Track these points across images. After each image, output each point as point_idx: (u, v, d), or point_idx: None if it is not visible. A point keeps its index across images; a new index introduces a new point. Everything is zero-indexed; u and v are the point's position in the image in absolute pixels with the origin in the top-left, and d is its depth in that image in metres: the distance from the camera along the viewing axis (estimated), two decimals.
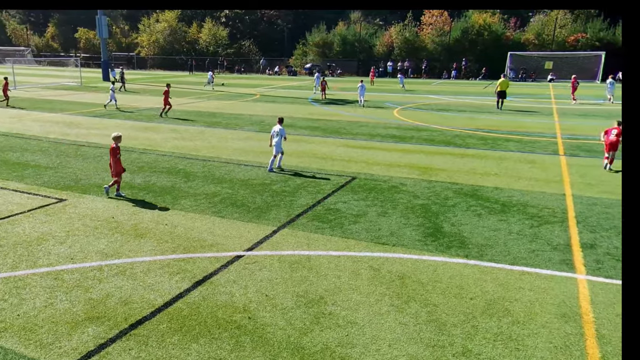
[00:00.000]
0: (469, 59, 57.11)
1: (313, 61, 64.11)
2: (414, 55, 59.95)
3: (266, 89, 41.29)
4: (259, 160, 14.78)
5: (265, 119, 23.42)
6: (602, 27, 54.01)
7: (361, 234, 8.98)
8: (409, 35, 60.38)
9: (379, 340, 5.79)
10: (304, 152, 15.97)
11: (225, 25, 75.06)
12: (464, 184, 12.23)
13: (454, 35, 58.43)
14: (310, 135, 19.17)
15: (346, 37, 64.58)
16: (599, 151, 16.12)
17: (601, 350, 5.57)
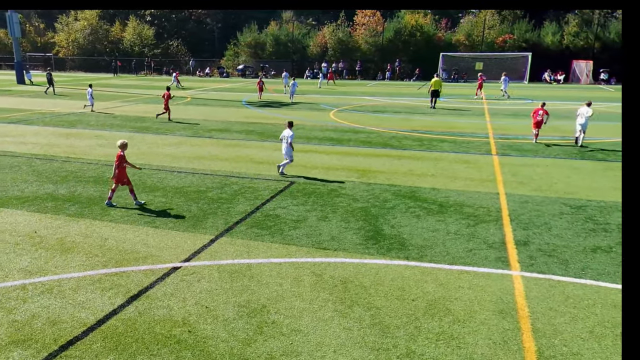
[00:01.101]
0: (403, 59, 58.63)
1: (245, 62, 63.78)
2: (348, 56, 60.86)
3: (197, 92, 40.66)
4: (193, 166, 14.58)
5: (198, 123, 23.09)
6: (528, 28, 56.99)
7: (302, 240, 9.07)
8: (343, 36, 61.23)
9: (324, 346, 5.89)
10: (240, 157, 15.91)
11: (151, 24, 73.21)
12: (402, 185, 12.60)
13: (387, 36, 59.81)
14: (246, 139, 19.10)
15: (279, 37, 64.62)
16: (529, 150, 17.06)
17: (537, 344, 5.93)
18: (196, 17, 76.74)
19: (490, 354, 5.75)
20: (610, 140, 18.81)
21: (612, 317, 6.47)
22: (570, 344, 5.91)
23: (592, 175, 13.70)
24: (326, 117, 25.39)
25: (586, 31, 55.53)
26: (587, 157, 16.03)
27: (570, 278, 7.58)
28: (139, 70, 67.96)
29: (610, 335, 6.07)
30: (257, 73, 54.52)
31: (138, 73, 67.44)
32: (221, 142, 18.41)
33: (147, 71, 67.52)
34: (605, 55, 53.32)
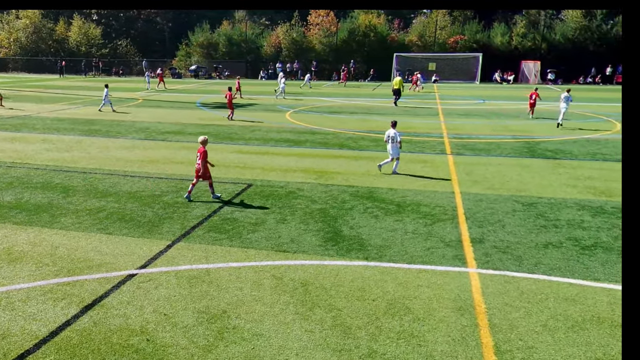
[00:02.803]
0: (357, 60, 59.16)
1: (198, 62, 62.97)
2: (302, 56, 60.96)
3: (149, 93, 39.90)
4: (147, 170, 14.33)
5: (150, 126, 22.67)
6: (478, 29, 58.53)
7: (261, 243, 9.06)
8: (297, 36, 61.30)
9: (286, 350, 5.92)
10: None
11: (98, 23, 71.38)
12: (360, 186, 12.74)
13: (341, 37, 60.24)
14: None
15: (232, 37, 64.13)
16: (482, 149, 17.54)
17: (494, 339, 6.12)
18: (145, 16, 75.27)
19: (450, 350, 5.90)
20: (559, 139, 19.53)
21: (563, 311, 6.74)
22: (526, 338, 6.13)
23: (541, 173, 14.21)
24: (282, 118, 25.37)
25: (533, 32, 57.46)
26: (537, 155, 16.60)
27: (524, 273, 7.85)
28: (87, 71, 66.14)
29: (562, 328, 6.33)
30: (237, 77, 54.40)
31: (87, 74, 65.61)
32: (175, 145, 18.16)
33: (95, 72, 65.76)
34: (552, 55, 55.33)
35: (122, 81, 55.37)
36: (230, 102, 24.89)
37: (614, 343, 6.01)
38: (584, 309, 6.80)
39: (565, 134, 20.64)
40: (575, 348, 5.92)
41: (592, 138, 19.73)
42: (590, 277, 7.74)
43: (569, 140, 19.15)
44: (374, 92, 42.01)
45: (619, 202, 11.43)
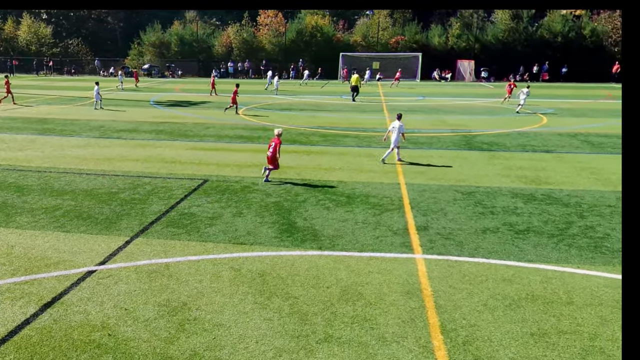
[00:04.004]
0: (305, 59, 59.06)
1: (151, 62, 61.30)
2: (253, 55, 60.33)
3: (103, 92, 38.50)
4: (102, 168, 13.85)
5: (105, 124, 21.92)
6: (417, 30, 59.51)
7: (219, 236, 8.93)
8: (247, 36, 60.59)
9: (246, 338, 5.87)
10: (151, 157, 15.32)
11: (48, 22, 68.26)
12: (312, 179, 12.75)
13: (290, 37, 59.95)
14: (156, 139, 18.41)
15: (183, 37, 62.70)
16: (424, 142, 17.88)
17: (440, 319, 6.27)
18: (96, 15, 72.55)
19: (400, 331, 6.00)
20: (493, 132, 20.13)
21: (502, 290, 6.97)
22: (468, 317, 6.31)
23: (478, 163, 14.61)
24: (236, 116, 25.05)
25: (467, 34, 58.94)
26: (474, 147, 17.05)
27: (465, 257, 8.07)
28: (39, 70, 63.26)
29: (501, 307, 6.54)
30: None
31: (38, 73, 62.75)
32: (130, 143, 17.63)
33: (47, 71, 62.99)
34: (484, 55, 56.94)
35: (74, 80, 53.24)
36: (234, 98, 25.45)
37: (547, 318, 6.26)
38: (519, 288, 7.05)
39: (498, 127, 21.29)
40: (513, 324, 6.14)
41: (522, 131, 20.44)
42: (524, 258, 8.03)
43: (502, 134, 19.77)
44: (322, 89, 42.08)
45: (547, 190, 11.89)
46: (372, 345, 5.75)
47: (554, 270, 7.62)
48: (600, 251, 8.33)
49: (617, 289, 7.00)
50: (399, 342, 5.79)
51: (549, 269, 7.66)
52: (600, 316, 6.31)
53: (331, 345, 5.74)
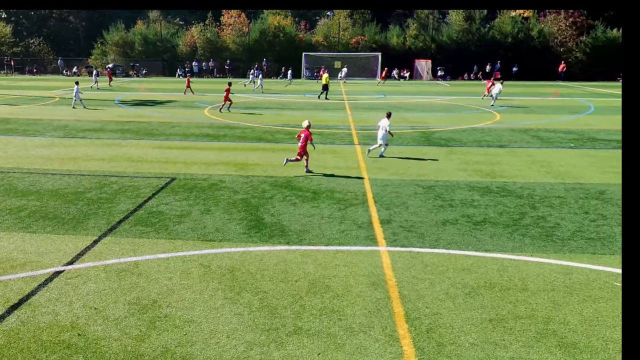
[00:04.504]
0: (269, 59, 58.69)
1: (115, 61, 59.71)
2: (217, 55, 59.55)
3: (66, 92, 37.31)
4: (68, 168, 13.43)
5: (69, 124, 21.24)
6: (376, 31, 59.96)
7: (187, 234, 8.79)
8: (211, 36, 59.76)
9: (217, 333, 5.80)
10: (117, 156, 14.94)
11: (8, 21, 65.57)
12: (278, 176, 12.69)
13: (253, 37, 59.43)
14: (122, 138, 17.96)
15: (147, 37, 61.29)
16: None
17: (404, 308, 6.35)
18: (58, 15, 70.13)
19: (367, 321, 6.04)
20: (450, 129, 20.49)
21: (461, 279, 7.11)
22: (431, 305, 6.41)
23: (437, 159, 14.84)
24: (201, 114, 24.70)
25: (424, 34, 59.73)
26: (433, 143, 17.32)
27: (426, 249, 8.19)
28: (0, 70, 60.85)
29: (461, 295, 6.67)
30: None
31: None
32: (96, 142, 17.14)
33: (7, 70, 60.57)
34: (440, 55, 57.85)
35: (36, 79, 51.37)
36: (227, 96, 25.43)
37: (504, 305, 6.42)
38: (478, 276, 7.21)
39: (455, 124, 21.68)
40: (473, 311, 6.27)
41: (477, 127, 20.88)
42: (481, 248, 8.21)
43: (459, 130, 20.14)
44: (286, 88, 41.92)
45: (501, 182, 12.19)
46: (340, 335, 5.77)
47: (509, 258, 7.82)
48: (552, 240, 8.59)
49: (568, 275, 7.24)
50: (366, 332, 5.83)
51: (505, 257, 7.85)
52: (553, 301, 6.51)
53: (301, 337, 5.73)
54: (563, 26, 60.67)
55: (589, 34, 59.17)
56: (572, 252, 8.07)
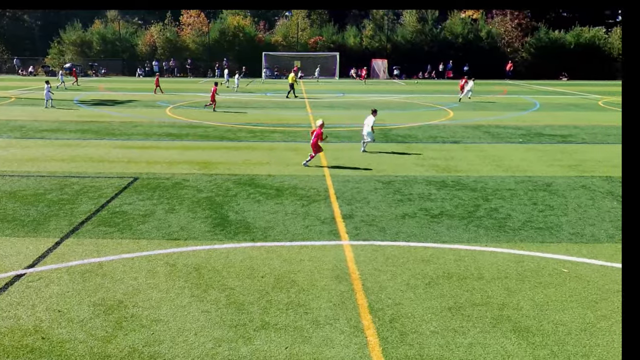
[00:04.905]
0: (230, 58, 57.98)
1: (72, 61, 57.63)
2: (177, 54, 58.40)
3: (22, 91, 35.79)
4: (26, 169, 12.88)
5: (26, 124, 20.36)
6: (334, 31, 60.16)
7: (152, 233, 8.58)
8: (170, 36, 58.54)
9: (185, 331, 5.69)
10: (78, 156, 14.44)
11: None
12: (242, 174, 12.56)
13: (213, 36, 58.59)
14: (82, 138, 17.36)
15: (106, 36, 59.47)
16: (345, 137, 18.14)
17: (368, 300, 6.39)
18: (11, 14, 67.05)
19: (332, 314, 6.06)
20: (406, 126, 20.78)
21: (421, 270, 7.22)
22: (393, 296, 6.48)
23: (395, 155, 15.03)
24: (163, 114, 24.17)
25: (379, 34, 60.33)
26: (391, 140, 17.52)
27: (387, 242, 8.28)
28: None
29: (421, 285, 6.77)
30: None
31: None
32: (55, 143, 16.50)
33: None
34: (396, 54, 58.59)
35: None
36: (213, 96, 25.17)
37: (462, 293, 6.56)
38: (436, 267, 7.34)
39: (411, 121, 22.00)
40: (433, 300, 6.38)
41: (432, 124, 21.26)
42: (439, 240, 8.37)
43: (415, 127, 20.46)
44: (247, 87, 41.54)
45: (456, 177, 12.45)
46: (306, 328, 5.76)
47: (465, 249, 8.00)
48: (504, 230, 8.84)
49: (520, 263, 7.47)
50: (331, 324, 5.84)
51: (461, 248, 8.03)
52: (507, 288, 6.70)
53: (268, 332, 5.69)
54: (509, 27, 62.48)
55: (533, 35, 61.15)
56: (523, 241, 8.33)
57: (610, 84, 52.06)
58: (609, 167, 13.67)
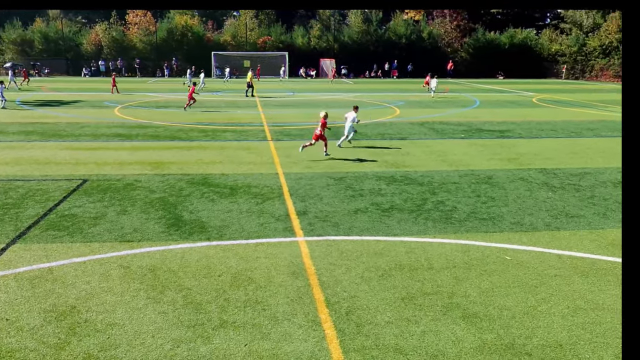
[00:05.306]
0: (179, 58, 56.61)
1: (13, 60, 54.49)
2: (124, 54, 56.43)
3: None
4: None
5: None
6: (282, 31, 59.91)
7: (104, 235, 8.25)
8: (116, 35, 56.47)
9: (141, 334, 5.50)
10: (22, 159, 13.67)
11: None
12: (195, 173, 12.29)
13: (161, 36, 57.01)
14: (27, 140, 16.45)
15: (48, 35, 56.61)
16: (297, 135, 18.11)
17: (324, 294, 6.40)
18: None
19: (290, 309, 6.03)
20: None
21: (375, 263, 7.31)
22: (349, 289, 6.52)
23: (345, 151, 15.14)
24: (111, 114, 23.27)
25: (327, 34, 60.58)
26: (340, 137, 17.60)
27: (341, 237, 8.32)
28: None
29: (375, 277, 6.86)
30: None
31: None
32: None
33: None
34: (343, 54, 59.03)
35: None
36: (191, 95, 24.75)
37: (413, 284, 6.69)
38: (389, 259, 7.45)
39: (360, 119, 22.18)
40: (387, 292, 6.47)
41: (380, 122, 21.57)
42: (391, 233, 8.50)
43: (364, 124, 20.67)
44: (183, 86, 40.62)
45: (404, 172, 12.69)
46: (265, 325, 5.71)
47: (415, 241, 8.17)
48: (450, 222, 9.09)
49: (466, 252, 7.70)
50: (289, 320, 5.81)
51: (411, 240, 8.19)
52: (455, 277, 6.89)
53: (227, 330, 5.60)
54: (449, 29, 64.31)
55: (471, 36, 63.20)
56: (469, 232, 8.59)
57: (542, 82, 54.62)
58: (543, 159, 14.34)
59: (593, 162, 14.14)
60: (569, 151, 15.64)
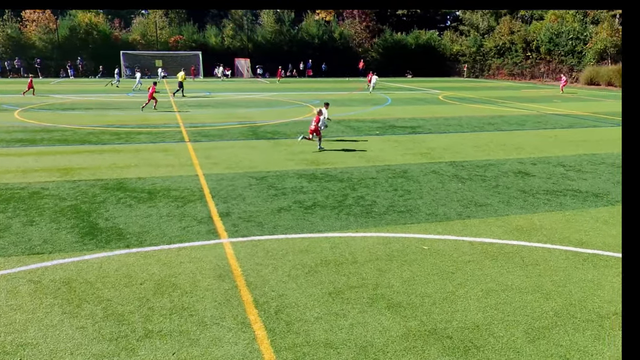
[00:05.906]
0: (84, 57, 53.12)
1: None
2: (22, 53, 51.92)
3: None
4: None
5: None
6: (194, 30, 58.31)
7: (9, 249, 7.52)
8: (12, 32, 51.83)
9: (59, 352, 5.08)
10: None
11: None
12: (109, 178, 11.57)
13: (63, 34, 53.17)
14: None
15: None
16: (215, 135, 17.68)
17: (252, 295, 6.30)
18: None
19: (218, 313, 5.87)
20: (274, 122, 20.89)
21: (300, 260, 7.31)
22: (276, 288, 6.47)
23: (266, 151, 15.04)
24: (10, 117, 21.30)
25: (240, 34, 59.80)
26: (260, 137, 17.47)
27: (266, 236, 8.24)
28: None
29: (302, 275, 6.86)
30: None
31: None
32: None
33: None
34: (257, 53, 58.62)
35: None
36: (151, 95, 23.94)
37: (339, 278, 6.78)
38: (314, 256, 7.49)
39: (278, 118, 22.18)
40: (314, 288, 6.50)
41: (298, 120, 21.65)
42: (314, 230, 8.55)
43: (282, 123, 20.65)
44: (106, 87, 38.42)
45: (324, 169, 12.83)
46: (193, 331, 5.51)
47: (339, 236, 8.28)
48: (371, 216, 9.33)
49: (387, 245, 7.94)
50: (218, 324, 5.65)
51: (335, 236, 8.30)
52: (378, 269, 7.08)
53: (152, 340, 5.33)
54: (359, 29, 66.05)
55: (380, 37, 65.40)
56: (389, 225, 8.86)
57: (446, 80, 57.79)
58: (452, 153, 15.16)
59: (495, 154, 15.18)
60: (474, 145, 16.67)
